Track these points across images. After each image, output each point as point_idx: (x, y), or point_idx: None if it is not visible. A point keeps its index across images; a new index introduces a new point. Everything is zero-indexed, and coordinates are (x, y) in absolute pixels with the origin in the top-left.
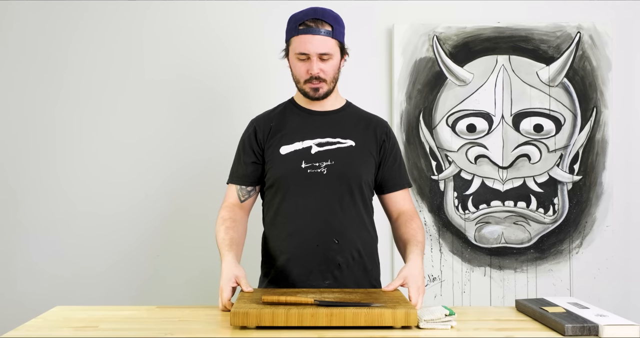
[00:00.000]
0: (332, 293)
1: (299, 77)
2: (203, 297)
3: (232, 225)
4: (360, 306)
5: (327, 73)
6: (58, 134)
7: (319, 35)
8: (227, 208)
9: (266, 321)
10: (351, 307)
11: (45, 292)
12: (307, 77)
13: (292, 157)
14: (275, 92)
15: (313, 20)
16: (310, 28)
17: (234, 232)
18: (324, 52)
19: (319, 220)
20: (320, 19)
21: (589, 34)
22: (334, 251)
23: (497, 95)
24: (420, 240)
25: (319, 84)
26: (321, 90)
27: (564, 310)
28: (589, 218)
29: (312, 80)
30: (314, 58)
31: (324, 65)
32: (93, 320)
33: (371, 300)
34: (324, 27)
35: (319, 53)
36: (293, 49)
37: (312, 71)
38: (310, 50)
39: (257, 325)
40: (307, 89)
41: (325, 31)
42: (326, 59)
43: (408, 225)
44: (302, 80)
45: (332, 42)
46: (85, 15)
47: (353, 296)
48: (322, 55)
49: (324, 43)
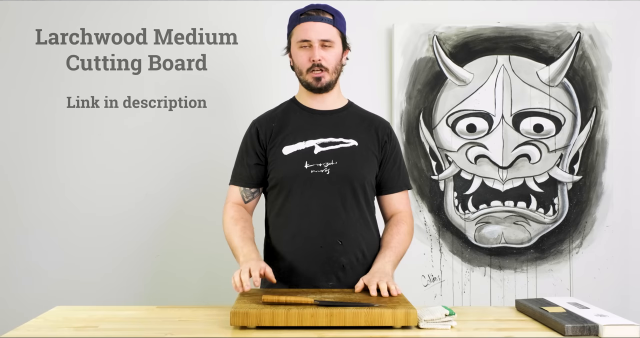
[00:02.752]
0: (332, 293)
1: (301, 66)
2: (203, 297)
3: (246, 225)
4: (360, 306)
5: (329, 61)
6: (58, 135)
7: (321, 22)
8: (235, 207)
9: (266, 321)
10: (351, 307)
11: (45, 292)
12: (309, 65)
13: (295, 157)
14: (277, 93)
15: (314, 10)
16: (312, 16)
17: (250, 231)
18: (326, 39)
19: (322, 221)
20: (322, 9)
21: (589, 34)
22: (338, 252)
23: (497, 95)
24: (393, 245)
25: (321, 73)
26: (323, 79)
27: (564, 310)
28: (589, 218)
29: (314, 69)
30: (316, 44)
31: (326, 53)
32: (93, 320)
33: (371, 300)
34: (325, 15)
35: (320, 39)
36: (295, 39)
37: (313, 57)
38: (312, 36)
39: (257, 325)
40: (309, 79)
41: (326, 19)
42: (328, 46)
43: (389, 230)
44: (305, 70)
45: (334, 31)
46: (86, 15)
47: (353, 296)
48: (324, 42)
49: (325, 30)
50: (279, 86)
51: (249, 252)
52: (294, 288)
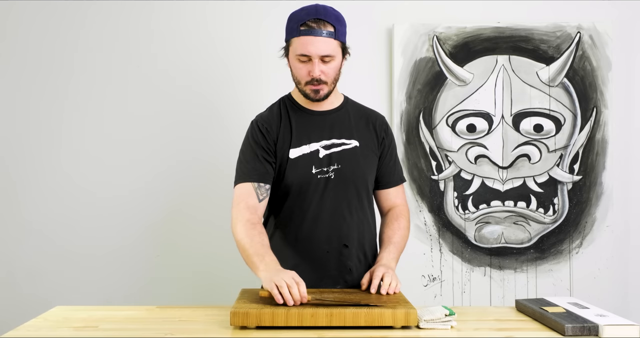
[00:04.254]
0: (332, 293)
1: (300, 78)
2: (203, 297)
3: (262, 231)
4: (360, 306)
5: (329, 75)
6: (59, 135)
7: (321, 37)
8: (250, 210)
9: (266, 321)
10: (351, 307)
11: (45, 292)
12: (309, 79)
13: (302, 162)
14: (270, 94)
15: (315, 21)
16: (312, 29)
17: (266, 238)
18: (326, 54)
19: (328, 225)
20: (323, 20)
21: (589, 34)
22: (345, 256)
23: (497, 95)
24: (396, 241)
25: (320, 86)
26: (322, 91)
27: (564, 310)
28: (589, 218)
29: (313, 82)
30: (316, 60)
31: (326, 67)
32: (93, 320)
33: (371, 300)
34: (326, 28)
35: (320, 55)
36: (294, 50)
37: (313, 73)
38: (312, 52)
39: (257, 325)
40: (307, 90)
41: (327, 32)
42: (328, 61)
43: (390, 225)
44: (303, 82)
45: (334, 44)
46: (86, 16)
47: (353, 296)
48: (323, 57)
49: (326, 45)
50: (277, 85)
51: (272, 262)
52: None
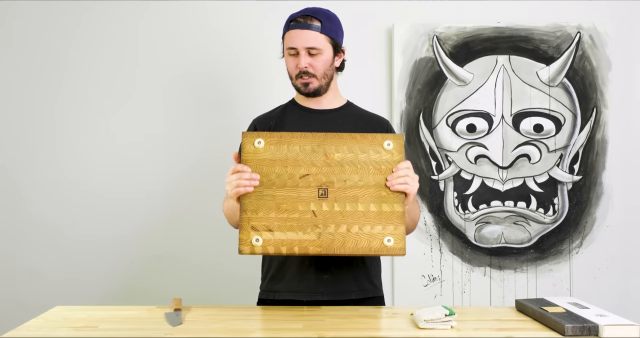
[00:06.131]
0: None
1: (290, 72)
2: (203, 297)
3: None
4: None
5: (317, 68)
6: (59, 135)
7: (308, 30)
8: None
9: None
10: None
11: (45, 292)
12: (297, 72)
13: None
14: (278, 91)
15: (303, 17)
16: (299, 23)
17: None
18: (312, 47)
19: None
20: (310, 15)
21: (589, 34)
22: None
23: (497, 95)
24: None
25: (309, 79)
26: (311, 85)
27: (564, 310)
28: (589, 218)
29: (301, 75)
30: (302, 52)
31: (313, 61)
32: (93, 320)
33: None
34: (313, 22)
35: (306, 47)
36: (285, 45)
37: (299, 65)
38: (297, 44)
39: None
40: (298, 84)
41: (314, 26)
42: (315, 54)
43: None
44: (293, 76)
45: (321, 38)
46: (86, 14)
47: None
48: (310, 49)
49: (312, 37)
50: (280, 85)
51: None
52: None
